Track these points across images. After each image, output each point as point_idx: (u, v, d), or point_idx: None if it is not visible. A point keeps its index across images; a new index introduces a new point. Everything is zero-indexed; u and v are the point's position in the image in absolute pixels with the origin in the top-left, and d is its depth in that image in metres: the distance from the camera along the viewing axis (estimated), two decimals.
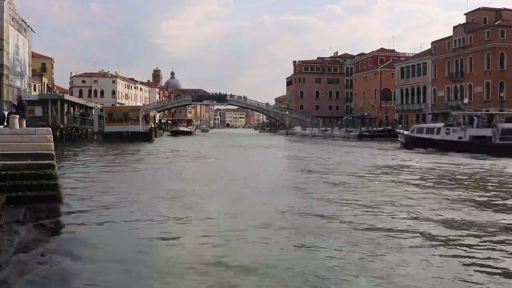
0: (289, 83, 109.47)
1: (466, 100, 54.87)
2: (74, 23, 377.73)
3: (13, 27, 43.93)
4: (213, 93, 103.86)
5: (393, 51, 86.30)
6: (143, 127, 49.47)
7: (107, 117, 48.54)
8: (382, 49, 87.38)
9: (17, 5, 46.74)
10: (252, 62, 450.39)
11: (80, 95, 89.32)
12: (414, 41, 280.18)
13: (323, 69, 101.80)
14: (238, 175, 18.45)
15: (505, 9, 59.84)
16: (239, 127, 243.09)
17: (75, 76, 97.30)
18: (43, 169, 10.74)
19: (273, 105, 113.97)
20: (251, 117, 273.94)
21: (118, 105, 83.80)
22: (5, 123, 16.41)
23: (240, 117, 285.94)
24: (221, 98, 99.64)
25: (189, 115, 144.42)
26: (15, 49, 44.58)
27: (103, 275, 6.20)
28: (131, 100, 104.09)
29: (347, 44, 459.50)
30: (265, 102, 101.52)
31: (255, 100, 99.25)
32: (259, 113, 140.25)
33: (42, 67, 69.85)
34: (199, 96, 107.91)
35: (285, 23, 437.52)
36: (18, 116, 14.25)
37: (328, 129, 71.01)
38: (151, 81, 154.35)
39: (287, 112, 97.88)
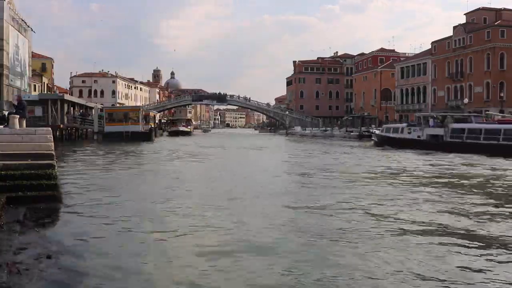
0: (289, 83, 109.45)
1: (466, 100, 54.87)
2: (74, 23, 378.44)
3: (13, 27, 43.95)
4: (213, 93, 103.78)
5: (393, 51, 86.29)
6: (143, 127, 49.48)
7: (107, 117, 48.55)
8: (382, 49, 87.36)
9: (17, 5, 46.85)
10: (252, 62, 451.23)
11: (80, 95, 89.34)
12: (414, 41, 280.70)
13: (323, 69, 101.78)
14: (238, 180, 18.41)
15: (505, 9, 59.84)
16: (239, 127, 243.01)
17: (75, 76, 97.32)
18: (43, 169, 10.75)
19: (273, 105, 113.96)
20: (251, 117, 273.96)
21: (118, 105, 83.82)
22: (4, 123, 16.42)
23: (240, 117, 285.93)
24: (221, 98, 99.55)
25: (189, 115, 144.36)
26: (15, 49, 44.60)
27: (103, 275, 6.20)
28: (131, 100, 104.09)
29: (347, 44, 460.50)
30: (265, 102, 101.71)
31: (255, 100, 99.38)
32: (259, 113, 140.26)
33: (42, 67, 69.88)
34: (199, 96, 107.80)
35: (285, 23, 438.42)
36: (18, 116, 14.25)
37: (328, 129, 70.99)
38: (151, 81, 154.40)
39: (287, 112, 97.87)
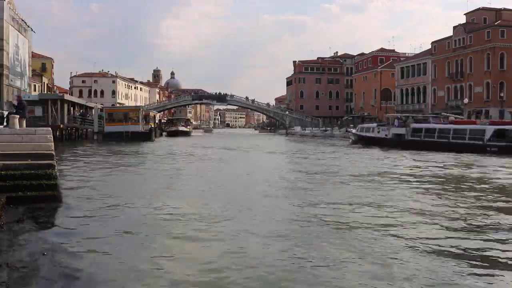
0: (289, 83, 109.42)
1: (466, 100, 54.83)
2: (74, 23, 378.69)
3: (13, 27, 43.96)
4: (213, 93, 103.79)
5: (393, 51, 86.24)
6: (143, 127, 49.50)
7: (107, 117, 48.57)
8: (382, 49, 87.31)
9: (17, 5, 46.84)
10: (252, 62, 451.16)
11: (80, 95, 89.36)
12: (414, 41, 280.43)
13: (323, 69, 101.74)
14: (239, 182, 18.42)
15: (505, 9, 59.81)
16: (239, 127, 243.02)
17: (75, 76, 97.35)
18: (43, 169, 10.75)
19: (273, 105, 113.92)
20: (251, 117, 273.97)
21: (118, 105, 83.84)
22: (4, 123, 16.43)
23: (240, 117, 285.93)
24: (221, 98, 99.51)
25: (189, 115, 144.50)
26: (15, 49, 44.61)
27: (103, 274, 6.20)
28: (131, 100, 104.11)
29: (347, 44, 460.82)
30: (265, 102, 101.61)
31: (255, 100, 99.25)
32: (259, 113, 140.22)
33: (42, 67, 69.90)
34: (199, 96, 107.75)
35: (285, 23, 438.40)
36: (18, 116, 14.26)
37: (328, 129, 71.05)
38: (151, 81, 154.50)
39: (287, 112, 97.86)
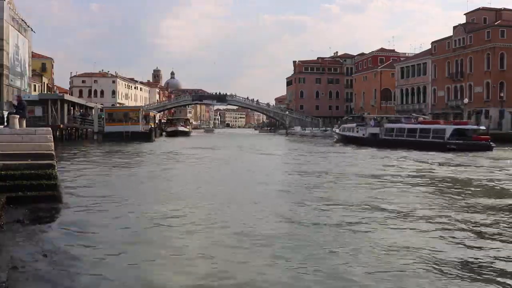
0: (289, 83, 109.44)
1: (466, 100, 54.83)
2: (74, 23, 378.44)
3: (13, 27, 43.95)
4: (213, 93, 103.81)
5: (393, 51, 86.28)
6: (143, 127, 49.50)
7: (107, 117, 48.57)
8: (382, 49, 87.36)
9: (17, 5, 46.82)
10: (252, 62, 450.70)
11: (80, 95, 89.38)
12: (414, 41, 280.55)
13: (323, 69, 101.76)
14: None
15: (505, 9, 59.84)
16: (239, 127, 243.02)
17: (75, 76, 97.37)
18: (43, 169, 10.74)
19: (273, 105, 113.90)
20: (251, 117, 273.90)
21: (118, 105, 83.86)
22: (5, 123, 16.42)
23: (240, 117, 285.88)
24: (221, 98, 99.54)
25: (189, 115, 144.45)
26: (15, 49, 44.60)
27: (103, 275, 6.20)
28: (131, 100, 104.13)
29: (347, 44, 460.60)
30: (265, 102, 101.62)
31: (255, 100, 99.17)
32: (259, 113, 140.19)
33: (42, 67, 69.91)
34: (199, 96, 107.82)
35: (285, 23, 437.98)
36: (18, 116, 14.25)
37: (328, 129, 71.10)
38: (151, 81, 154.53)
39: (287, 112, 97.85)
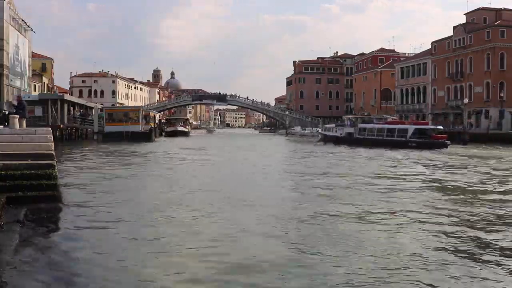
0: (289, 83, 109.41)
1: (466, 100, 54.79)
2: (74, 23, 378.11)
3: (13, 27, 43.93)
4: (213, 93, 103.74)
5: (393, 51, 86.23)
6: (143, 127, 49.49)
7: (107, 117, 48.57)
8: (382, 49, 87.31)
9: (17, 5, 46.80)
10: (252, 62, 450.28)
11: (80, 95, 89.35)
12: (414, 41, 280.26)
13: (323, 69, 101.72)
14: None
15: (505, 9, 59.82)
16: (239, 127, 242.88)
17: (75, 76, 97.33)
18: (43, 169, 10.74)
19: (273, 105, 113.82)
20: (251, 117, 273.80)
21: (118, 105, 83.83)
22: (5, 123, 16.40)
23: (240, 117, 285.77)
24: (221, 98, 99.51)
25: (189, 115, 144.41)
26: (15, 49, 44.58)
27: (102, 275, 6.20)
28: (131, 100, 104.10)
29: (347, 44, 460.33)
30: (262, 101, 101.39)
31: (255, 100, 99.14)
32: (259, 113, 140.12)
33: (42, 67, 69.87)
34: (199, 96, 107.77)
35: (285, 23, 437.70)
36: (18, 116, 14.24)
37: None
38: (151, 81, 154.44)
39: (287, 112, 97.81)
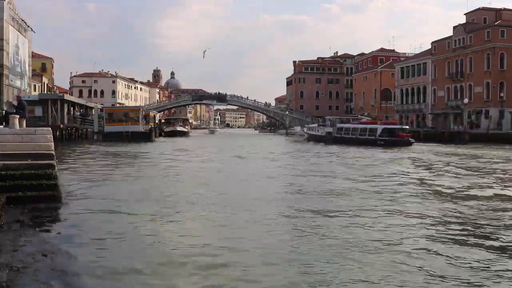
0: (289, 83, 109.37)
1: (466, 100, 54.79)
2: (74, 23, 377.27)
3: (13, 27, 43.93)
4: (213, 93, 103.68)
5: (393, 51, 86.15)
6: (143, 127, 49.51)
7: (107, 117, 48.58)
8: (382, 49, 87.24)
9: (17, 5, 46.79)
10: (252, 62, 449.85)
11: (80, 95, 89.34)
12: (414, 41, 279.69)
13: (323, 69, 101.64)
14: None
15: (505, 9, 59.80)
16: (238, 127, 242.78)
17: (75, 76, 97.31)
18: (43, 169, 10.75)
19: (273, 105, 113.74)
20: (251, 117, 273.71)
21: (118, 105, 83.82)
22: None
23: (240, 117, 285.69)
24: (221, 98, 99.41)
25: (189, 115, 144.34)
26: (15, 49, 44.58)
27: (102, 275, 6.20)
28: (131, 100, 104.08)
29: (347, 44, 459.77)
30: (264, 102, 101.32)
31: (255, 100, 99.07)
32: (259, 113, 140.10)
33: (42, 67, 69.87)
34: (199, 96, 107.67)
35: (285, 23, 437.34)
36: (18, 116, 14.24)
37: None
38: (151, 81, 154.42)
39: (287, 112, 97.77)
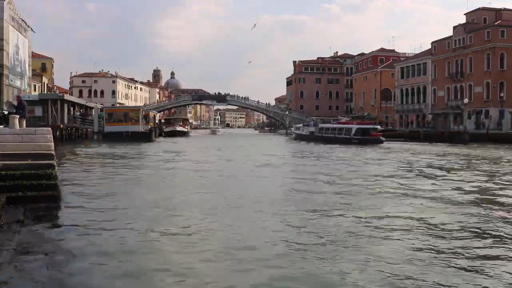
0: (289, 83, 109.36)
1: (466, 100, 54.79)
2: (74, 23, 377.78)
3: (13, 27, 43.94)
4: (213, 93, 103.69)
5: (393, 51, 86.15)
6: (143, 127, 49.48)
7: (107, 117, 48.55)
8: (382, 49, 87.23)
9: (17, 5, 46.80)
10: (252, 62, 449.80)
11: (80, 95, 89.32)
12: (414, 41, 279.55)
13: (323, 69, 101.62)
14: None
15: (505, 9, 59.81)
16: (238, 127, 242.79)
17: (75, 76, 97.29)
18: (43, 169, 10.74)
19: (273, 105, 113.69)
20: (251, 117, 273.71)
21: (118, 105, 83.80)
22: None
23: (240, 117, 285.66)
24: (221, 98, 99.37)
25: (189, 115, 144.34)
26: (15, 49, 44.58)
27: (102, 276, 6.20)
28: (131, 100, 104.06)
29: (347, 44, 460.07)
30: (265, 102, 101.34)
31: (255, 100, 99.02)
32: (259, 113, 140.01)
33: (42, 67, 69.87)
34: (199, 96, 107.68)
35: (285, 23, 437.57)
36: (18, 116, 14.24)
37: None
38: (151, 81, 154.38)
39: (287, 112, 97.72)
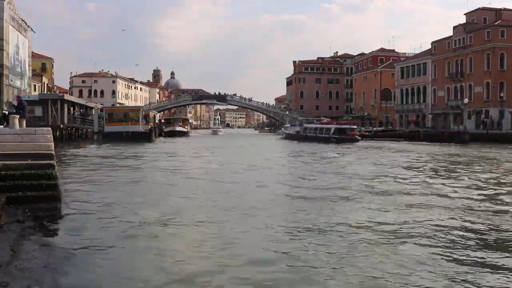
0: (289, 83, 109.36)
1: (466, 100, 54.81)
2: (74, 23, 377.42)
3: (13, 27, 43.94)
4: (213, 93, 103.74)
5: (393, 51, 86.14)
6: (143, 127, 49.48)
7: (107, 117, 48.55)
8: (382, 49, 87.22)
9: (17, 5, 46.79)
10: (252, 62, 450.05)
11: (80, 95, 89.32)
12: (414, 41, 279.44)
13: (323, 69, 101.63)
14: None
15: (505, 9, 59.82)
16: (238, 127, 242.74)
17: (75, 76, 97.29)
18: (43, 169, 10.74)
19: (273, 105, 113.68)
20: (251, 117, 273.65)
21: (118, 105, 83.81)
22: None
23: (240, 117, 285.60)
24: (221, 98, 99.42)
25: (189, 115, 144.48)
26: (15, 49, 44.59)
27: (102, 276, 6.20)
28: (131, 100, 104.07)
29: (347, 44, 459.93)
30: (265, 102, 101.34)
31: (255, 100, 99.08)
32: (259, 113, 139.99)
33: (42, 67, 69.87)
34: (199, 96, 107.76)
35: (286, 23, 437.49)
36: (18, 116, 14.24)
37: None
38: (151, 81, 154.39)
39: (287, 112, 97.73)
